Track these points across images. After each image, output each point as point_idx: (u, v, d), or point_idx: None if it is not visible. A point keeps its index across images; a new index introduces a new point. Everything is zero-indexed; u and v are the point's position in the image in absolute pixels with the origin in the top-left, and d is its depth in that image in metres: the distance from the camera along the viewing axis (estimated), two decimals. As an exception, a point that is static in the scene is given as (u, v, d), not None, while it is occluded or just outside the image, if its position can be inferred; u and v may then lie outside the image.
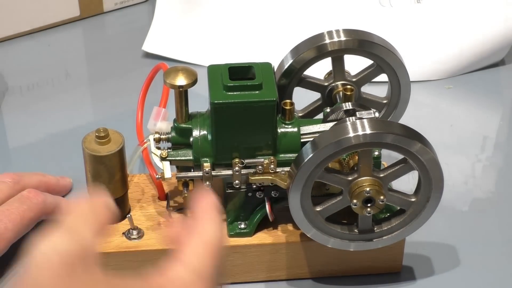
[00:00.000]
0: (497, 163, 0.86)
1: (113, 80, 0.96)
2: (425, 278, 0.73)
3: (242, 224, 0.71)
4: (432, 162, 0.65)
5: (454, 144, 0.87)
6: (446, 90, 0.94)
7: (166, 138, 0.70)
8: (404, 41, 0.92)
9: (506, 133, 0.89)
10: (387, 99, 0.78)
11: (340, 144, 0.64)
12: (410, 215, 0.68)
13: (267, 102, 0.67)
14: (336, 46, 0.74)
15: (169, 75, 0.68)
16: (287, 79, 0.75)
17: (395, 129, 0.64)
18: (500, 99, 0.94)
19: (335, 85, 0.76)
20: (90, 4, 1.04)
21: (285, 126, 0.69)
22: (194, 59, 0.96)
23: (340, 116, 0.70)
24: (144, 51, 0.98)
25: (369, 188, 0.66)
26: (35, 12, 1.00)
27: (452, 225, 0.78)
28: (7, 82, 0.95)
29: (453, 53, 0.95)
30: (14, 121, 0.89)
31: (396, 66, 0.75)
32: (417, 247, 0.75)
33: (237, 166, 0.68)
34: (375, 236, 0.69)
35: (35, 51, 1.00)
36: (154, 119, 0.72)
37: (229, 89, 0.67)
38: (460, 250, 0.75)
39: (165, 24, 0.99)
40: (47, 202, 0.73)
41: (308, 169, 0.65)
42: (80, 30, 1.03)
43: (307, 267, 0.72)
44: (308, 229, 0.68)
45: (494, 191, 0.82)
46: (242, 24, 0.99)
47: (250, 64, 0.69)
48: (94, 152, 0.69)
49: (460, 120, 0.90)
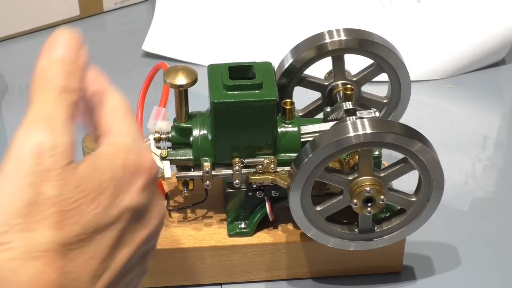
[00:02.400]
0: (498, 162, 0.86)
1: (113, 79, 0.95)
2: (426, 278, 0.73)
3: (242, 224, 0.71)
4: (432, 162, 0.65)
5: (454, 143, 0.87)
6: (447, 90, 0.94)
7: (166, 137, 0.70)
8: (404, 40, 0.92)
9: (506, 133, 0.89)
10: (388, 99, 0.78)
11: (341, 144, 0.64)
12: (411, 214, 0.68)
13: (267, 102, 0.67)
14: (336, 45, 0.74)
15: (169, 75, 0.68)
16: (287, 78, 0.75)
17: (396, 129, 0.64)
18: (500, 98, 0.94)
19: (336, 85, 0.76)
20: (90, 4, 1.04)
21: (285, 126, 0.69)
22: (194, 59, 0.96)
23: (340, 115, 0.70)
24: (144, 50, 0.98)
25: (369, 188, 0.66)
26: (35, 12, 1.00)
27: (452, 225, 0.78)
28: (7, 81, 0.94)
29: (453, 52, 0.95)
30: (14, 121, 0.89)
31: (397, 65, 0.75)
32: (417, 246, 0.75)
33: (237, 166, 0.68)
34: (375, 235, 0.69)
35: (35, 50, 0.98)
36: (154, 119, 0.72)
37: (229, 89, 0.67)
38: (460, 250, 0.75)
39: (165, 24, 0.99)
40: None
41: (309, 169, 0.65)
42: (80, 29, 1.03)
43: (307, 267, 0.72)
44: (308, 228, 0.68)
45: (495, 191, 0.82)
46: (242, 23, 0.99)
47: (250, 64, 0.69)
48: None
49: (460, 119, 0.90)
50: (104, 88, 0.52)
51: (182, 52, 0.97)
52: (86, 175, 0.45)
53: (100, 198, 0.45)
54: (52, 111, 0.46)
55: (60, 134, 0.45)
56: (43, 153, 0.44)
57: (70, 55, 0.49)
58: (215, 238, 0.71)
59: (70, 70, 0.48)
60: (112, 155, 0.47)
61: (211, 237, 0.71)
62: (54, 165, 0.44)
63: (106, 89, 0.52)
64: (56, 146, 0.44)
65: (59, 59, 0.48)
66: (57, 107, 0.46)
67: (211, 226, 0.72)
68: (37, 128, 0.45)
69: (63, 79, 0.47)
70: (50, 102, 0.46)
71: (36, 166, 0.44)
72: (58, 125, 0.45)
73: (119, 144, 0.48)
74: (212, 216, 0.73)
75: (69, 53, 0.49)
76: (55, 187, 0.44)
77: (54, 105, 0.46)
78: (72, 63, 0.49)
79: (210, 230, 0.72)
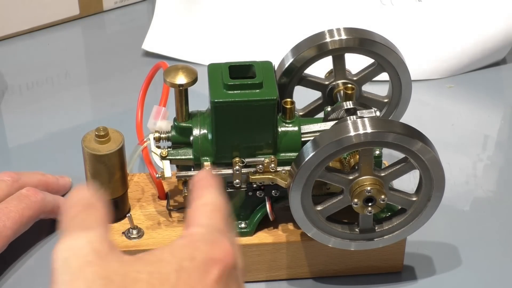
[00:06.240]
0: (498, 162, 0.85)
1: (113, 79, 0.96)
2: (426, 278, 0.73)
3: (243, 224, 0.71)
4: (433, 161, 0.65)
5: (455, 143, 0.87)
6: (447, 89, 0.94)
7: (166, 137, 0.70)
8: (405, 39, 0.92)
9: (507, 132, 0.89)
10: (388, 98, 0.78)
11: (341, 143, 0.64)
12: (411, 214, 0.68)
13: (267, 101, 0.67)
14: (337, 44, 0.73)
15: (169, 74, 0.68)
16: (288, 77, 0.75)
17: (396, 128, 0.64)
18: (501, 98, 0.94)
19: (336, 84, 0.76)
20: (90, 3, 1.04)
21: (285, 125, 0.69)
22: (194, 58, 0.96)
23: (341, 115, 0.70)
24: (144, 49, 0.98)
25: (370, 187, 0.65)
26: (34, 11, 1.00)
27: (453, 224, 0.77)
28: (7, 81, 0.94)
29: (454, 52, 0.95)
30: (13, 120, 0.89)
31: (397, 65, 0.75)
32: (418, 246, 0.75)
33: (237, 165, 0.68)
34: (376, 235, 0.69)
35: (34, 50, 1.00)
36: (154, 118, 0.72)
37: (229, 88, 0.67)
38: (461, 250, 0.75)
39: (165, 23, 0.99)
40: (46, 200, 0.72)
41: (309, 168, 0.65)
42: (80, 29, 1.03)
43: (308, 267, 0.72)
44: (309, 228, 0.68)
45: (496, 191, 0.82)
46: (242, 22, 0.99)
47: (250, 63, 0.69)
48: (94, 151, 0.69)
49: (461, 119, 0.90)
50: (206, 186, 0.52)
51: (182, 51, 0.97)
52: (146, 261, 0.45)
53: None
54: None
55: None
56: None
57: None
58: (215, 238, 0.71)
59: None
60: (180, 245, 0.46)
61: (211, 237, 0.71)
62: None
63: (208, 187, 0.52)
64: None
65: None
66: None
67: (211, 226, 0.72)
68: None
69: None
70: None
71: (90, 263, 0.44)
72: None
73: (191, 235, 0.47)
74: (212, 215, 0.73)
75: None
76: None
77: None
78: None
79: (210, 230, 0.72)
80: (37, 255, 0.74)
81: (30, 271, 0.72)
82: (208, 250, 0.46)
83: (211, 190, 0.52)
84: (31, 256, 0.73)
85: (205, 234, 0.48)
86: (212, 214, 0.50)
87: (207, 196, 0.51)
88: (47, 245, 0.74)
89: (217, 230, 0.48)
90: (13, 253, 0.72)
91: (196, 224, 0.49)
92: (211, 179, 0.53)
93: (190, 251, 0.46)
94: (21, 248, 0.73)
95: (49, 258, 0.73)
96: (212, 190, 0.52)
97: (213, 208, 0.50)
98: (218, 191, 0.52)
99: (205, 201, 0.51)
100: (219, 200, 0.51)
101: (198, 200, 0.51)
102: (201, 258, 0.46)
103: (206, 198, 0.51)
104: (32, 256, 0.74)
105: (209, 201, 0.51)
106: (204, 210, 0.50)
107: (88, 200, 0.49)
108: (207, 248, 0.46)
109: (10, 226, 0.69)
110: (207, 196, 0.51)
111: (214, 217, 0.49)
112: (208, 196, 0.51)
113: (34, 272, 0.72)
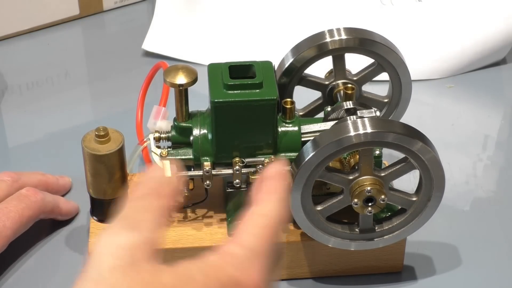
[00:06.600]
0: (499, 162, 0.85)
1: (113, 79, 0.96)
2: (426, 278, 0.73)
3: (243, 224, 0.71)
4: (433, 161, 0.65)
5: (455, 143, 0.87)
6: (448, 89, 0.94)
7: (166, 137, 0.70)
8: (405, 39, 0.92)
9: (507, 132, 0.89)
10: (388, 98, 0.78)
11: (341, 143, 0.63)
12: (411, 214, 0.68)
13: (267, 101, 0.67)
14: (337, 44, 0.73)
15: (169, 74, 0.68)
16: (288, 77, 0.75)
17: (396, 128, 0.64)
18: (501, 98, 0.94)
19: (336, 84, 0.76)
20: (90, 3, 1.03)
21: (285, 125, 0.69)
22: (194, 58, 0.96)
23: (341, 115, 0.70)
24: (144, 49, 0.98)
25: (370, 187, 0.65)
26: (34, 11, 1.00)
27: (453, 224, 0.77)
28: (7, 81, 0.94)
29: (454, 51, 0.95)
30: (13, 120, 0.89)
31: (397, 64, 0.75)
32: (418, 246, 0.75)
33: (237, 165, 0.68)
34: (376, 235, 0.69)
35: (34, 50, 1.00)
36: (154, 118, 0.72)
37: (229, 88, 0.67)
38: (461, 250, 0.75)
39: (165, 23, 0.99)
40: (46, 200, 0.72)
41: (309, 168, 0.65)
42: (80, 29, 1.03)
43: (308, 267, 0.72)
44: (309, 228, 0.68)
45: (496, 190, 0.82)
46: (242, 22, 0.99)
47: (250, 63, 0.69)
48: (94, 151, 0.69)
49: (461, 119, 0.90)
50: (272, 191, 0.49)
51: (182, 51, 0.97)
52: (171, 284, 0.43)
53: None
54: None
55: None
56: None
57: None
58: (215, 237, 0.71)
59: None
60: (211, 264, 0.45)
61: (211, 236, 0.71)
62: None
63: (273, 192, 0.49)
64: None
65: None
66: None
67: (212, 226, 0.72)
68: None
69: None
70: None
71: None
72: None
73: (225, 254, 0.46)
74: (212, 215, 0.73)
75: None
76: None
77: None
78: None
79: (210, 229, 0.71)
80: (37, 255, 0.74)
81: (30, 271, 0.72)
82: (237, 276, 0.45)
83: (275, 197, 0.49)
84: (31, 256, 0.73)
85: (240, 258, 0.45)
86: (261, 232, 0.47)
87: (267, 205, 0.48)
88: (47, 245, 0.74)
89: (257, 255, 0.46)
90: (13, 253, 0.72)
91: (238, 242, 0.46)
92: (280, 181, 0.50)
93: (219, 274, 0.44)
94: (21, 248, 0.73)
95: (49, 258, 0.74)
96: (276, 198, 0.49)
97: (267, 223, 0.47)
98: (282, 200, 0.49)
99: (263, 211, 0.48)
100: (277, 213, 0.48)
101: (257, 206, 0.48)
102: (226, 282, 0.44)
103: (265, 207, 0.48)
104: (32, 256, 0.74)
105: (266, 213, 0.48)
106: (255, 224, 0.47)
107: (161, 189, 0.48)
108: (237, 274, 0.45)
109: (10, 226, 0.69)
110: (268, 206, 0.48)
111: (261, 237, 0.47)
112: (268, 205, 0.48)
113: (34, 272, 0.72)
